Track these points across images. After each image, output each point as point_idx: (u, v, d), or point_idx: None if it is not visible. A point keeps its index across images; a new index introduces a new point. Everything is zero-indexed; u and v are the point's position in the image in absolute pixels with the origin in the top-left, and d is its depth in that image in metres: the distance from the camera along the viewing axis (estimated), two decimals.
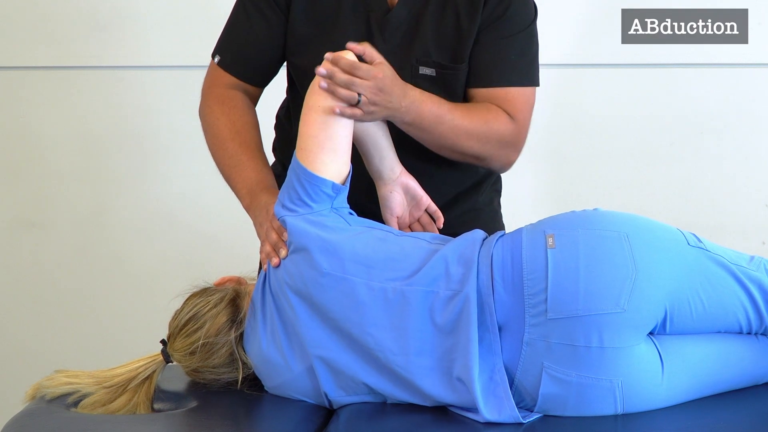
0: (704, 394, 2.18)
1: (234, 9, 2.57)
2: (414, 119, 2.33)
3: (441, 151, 2.43)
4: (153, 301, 3.35)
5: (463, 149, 2.41)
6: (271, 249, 2.29)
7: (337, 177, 2.27)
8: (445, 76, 2.46)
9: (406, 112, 2.31)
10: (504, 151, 2.46)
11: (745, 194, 3.64)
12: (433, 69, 2.46)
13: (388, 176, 2.39)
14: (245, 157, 2.47)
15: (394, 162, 2.39)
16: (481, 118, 2.41)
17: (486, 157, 2.45)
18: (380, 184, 2.40)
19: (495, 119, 2.42)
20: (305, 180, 2.25)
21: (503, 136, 2.43)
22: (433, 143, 2.40)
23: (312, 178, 2.25)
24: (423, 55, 2.44)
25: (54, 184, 3.74)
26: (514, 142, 2.47)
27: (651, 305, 2.10)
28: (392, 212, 2.39)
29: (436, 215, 2.41)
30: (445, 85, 2.46)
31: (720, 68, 3.60)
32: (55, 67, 3.69)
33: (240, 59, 2.55)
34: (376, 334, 2.18)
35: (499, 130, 2.43)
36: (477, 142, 2.41)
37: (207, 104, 2.55)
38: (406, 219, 2.41)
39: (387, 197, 2.40)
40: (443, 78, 2.46)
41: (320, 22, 2.49)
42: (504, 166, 2.51)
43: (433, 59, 2.46)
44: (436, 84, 2.45)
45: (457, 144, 2.40)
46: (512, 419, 2.11)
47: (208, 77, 2.59)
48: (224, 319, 2.31)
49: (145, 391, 2.32)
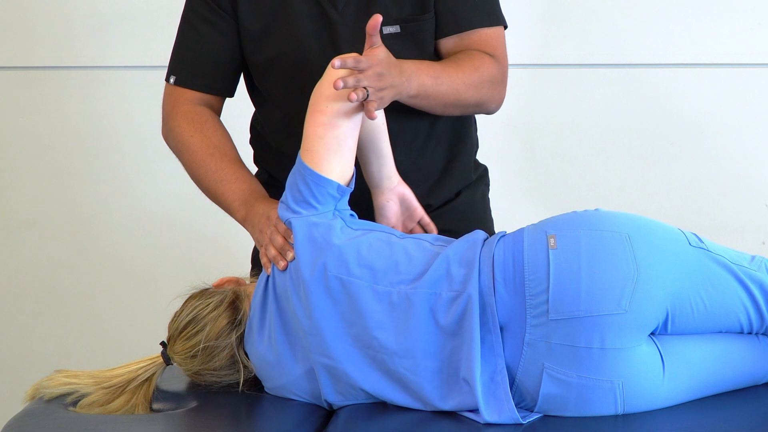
0: (705, 394, 2.18)
1: (180, 27, 2.54)
2: (418, 90, 2.32)
3: (446, 110, 2.42)
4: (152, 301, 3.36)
5: (466, 101, 2.41)
6: (276, 252, 2.28)
7: (342, 179, 2.26)
8: (410, 30, 2.45)
9: (409, 86, 2.29)
10: (496, 90, 2.47)
11: (745, 194, 3.64)
12: (397, 26, 2.44)
13: (385, 185, 2.38)
14: (229, 170, 2.44)
15: (392, 171, 2.38)
16: (470, 66, 2.41)
17: (484, 101, 2.45)
18: (377, 192, 2.39)
19: (482, 63, 2.43)
20: (311, 181, 2.25)
21: (494, 76, 2.44)
22: (438, 106, 2.39)
23: (318, 179, 2.24)
24: (383, 14, 2.38)
25: (54, 184, 3.74)
26: (502, 80, 2.48)
27: (653, 306, 2.10)
28: (387, 221, 2.39)
29: (429, 228, 2.41)
30: (412, 39, 2.45)
31: (720, 68, 3.60)
32: (55, 67, 3.69)
33: (197, 72, 2.51)
34: (381, 338, 2.18)
35: (489, 72, 2.43)
36: (475, 90, 2.41)
37: (175, 124, 2.50)
38: (399, 229, 2.40)
39: (383, 206, 2.39)
40: (409, 32, 2.44)
41: (270, 14, 2.46)
42: (498, 105, 2.51)
43: (394, 16, 2.44)
44: (402, 41, 2.43)
45: (459, 98, 2.39)
46: (512, 420, 2.11)
47: (168, 100, 2.54)
48: (224, 322, 2.30)
49: (144, 392, 2.32)
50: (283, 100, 2.50)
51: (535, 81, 3.63)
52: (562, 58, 3.61)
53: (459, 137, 2.58)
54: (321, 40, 2.43)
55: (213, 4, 2.48)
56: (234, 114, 2.65)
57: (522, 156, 3.65)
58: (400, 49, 2.34)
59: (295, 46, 2.44)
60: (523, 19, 3.55)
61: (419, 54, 2.42)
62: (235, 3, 2.47)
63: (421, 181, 2.51)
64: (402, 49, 2.37)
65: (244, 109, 2.66)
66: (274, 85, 2.50)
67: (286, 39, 2.38)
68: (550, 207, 3.41)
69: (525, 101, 3.61)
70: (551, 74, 3.63)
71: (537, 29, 3.59)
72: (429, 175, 2.55)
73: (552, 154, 3.65)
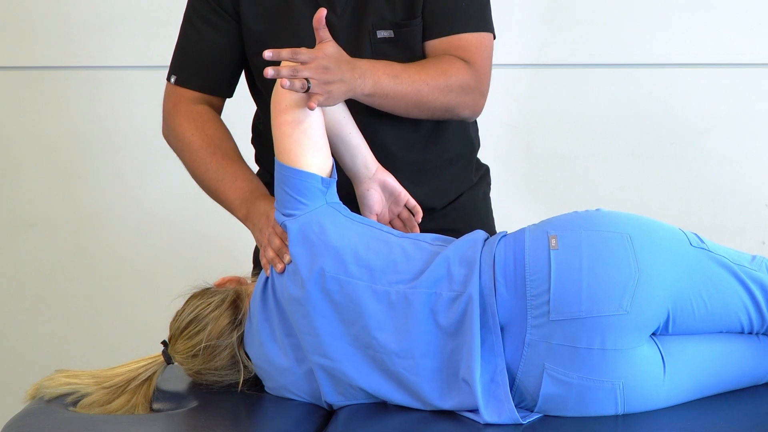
0: (705, 394, 2.18)
1: (181, 27, 2.54)
2: (373, 88, 2.30)
3: (410, 112, 2.40)
4: (153, 301, 3.36)
5: (429, 104, 2.38)
6: (274, 255, 2.28)
7: (322, 170, 2.26)
8: (402, 35, 2.44)
9: (362, 83, 2.28)
10: (468, 97, 2.44)
11: (745, 194, 3.64)
12: (391, 30, 2.44)
13: (363, 174, 2.37)
14: (230, 169, 2.44)
15: (369, 159, 2.37)
16: (436, 69, 2.39)
17: (453, 106, 2.42)
18: (356, 183, 2.38)
19: (450, 68, 2.41)
20: (293, 179, 2.24)
21: (464, 82, 2.41)
22: (399, 107, 2.37)
23: (299, 175, 2.24)
24: (378, 19, 2.41)
25: (55, 184, 3.74)
26: (477, 87, 2.44)
27: (654, 307, 2.10)
28: (371, 210, 2.38)
29: (415, 210, 2.40)
30: (404, 44, 2.44)
31: (720, 68, 3.60)
32: (55, 67, 3.69)
33: (198, 72, 2.52)
34: (380, 337, 2.18)
35: (458, 77, 2.40)
36: (440, 93, 2.39)
37: (176, 123, 2.51)
38: (386, 216, 2.39)
39: (364, 195, 2.38)
40: (401, 37, 2.44)
41: (272, 16, 2.47)
42: (473, 113, 2.48)
43: (388, 21, 2.44)
44: (395, 45, 2.43)
45: (422, 101, 2.37)
46: (512, 421, 2.11)
47: (168, 99, 2.54)
48: (226, 322, 2.30)
49: (144, 392, 2.32)
50: None
51: (534, 81, 3.63)
52: (562, 58, 3.61)
53: (460, 139, 2.58)
54: None
55: (215, 5, 2.48)
56: (235, 114, 2.65)
57: (522, 156, 3.65)
58: (394, 54, 2.35)
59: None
60: (523, 19, 3.55)
61: (411, 58, 2.42)
62: (237, 4, 2.47)
63: (423, 182, 2.51)
64: (395, 54, 2.37)
65: (244, 109, 2.67)
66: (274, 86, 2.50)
67: (288, 40, 2.38)
68: (551, 207, 3.41)
69: (525, 101, 3.61)
70: (551, 74, 3.62)
71: (537, 29, 3.59)
72: (431, 177, 2.54)
73: (552, 154, 3.65)
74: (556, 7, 3.59)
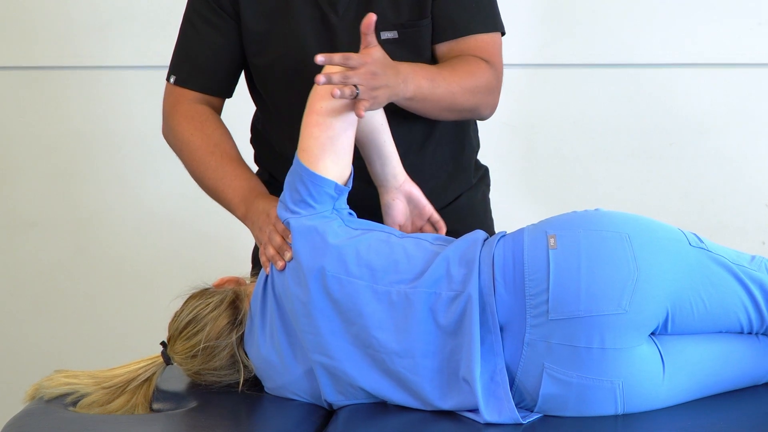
0: (705, 394, 2.18)
1: (181, 28, 2.54)
2: (415, 92, 2.31)
3: (441, 115, 2.41)
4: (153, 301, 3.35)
5: (461, 106, 2.40)
6: (275, 252, 2.28)
7: (339, 178, 2.26)
8: (407, 36, 2.45)
9: (405, 88, 2.28)
10: (491, 97, 2.46)
11: (745, 194, 3.64)
12: (395, 31, 2.44)
13: (391, 183, 2.38)
14: (230, 168, 2.44)
15: (398, 169, 2.37)
16: (466, 72, 2.40)
17: (478, 106, 2.44)
18: (383, 191, 2.39)
19: (477, 69, 2.42)
20: (308, 180, 2.25)
21: (489, 83, 2.44)
22: (434, 110, 2.38)
23: (315, 179, 2.24)
24: (381, 19, 2.40)
25: (55, 184, 3.74)
26: (497, 86, 2.47)
27: (653, 306, 2.10)
28: (394, 220, 2.38)
29: (439, 225, 2.40)
30: (409, 45, 2.44)
31: (720, 68, 3.60)
32: (55, 67, 3.69)
33: (198, 72, 2.52)
34: (380, 337, 2.18)
35: (484, 78, 2.43)
36: (471, 95, 2.40)
37: (176, 123, 2.51)
38: (408, 228, 2.39)
39: (389, 205, 2.38)
40: (406, 38, 2.44)
41: (272, 16, 2.47)
42: (492, 111, 2.50)
43: (392, 21, 2.44)
44: (400, 46, 2.43)
45: (455, 103, 2.38)
46: (512, 420, 2.11)
47: (168, 99, 2.55)
48: (225, 322, 2.30)
49: (144, 392, 2.32)
50: (283, 102, 2.51)
51: (535, 81, 3.63)
52: (562, 58, 3.61)
53: (459, 140, 2.58)
54: (321, 44, 2.43)
55: (214, 5, 2.48)
56: (234, 114, 2.65)
57: (522, 156, 3.65)
58: (397, 55, 2.35)
59: (296, 49, 2.44)
60: (523, 19, 3.55)
61: (416, 59, 2.42)
62: (236, 4, 2.47)
63: (422, 184, 2.51)
64: (400, 55, 2.37)
65: (244, 109, 2.67)
66: (274, 87, 2.50)
67: (288, 41, 2.38)
68: (550, 207, 3.41)
69: (525, 101, 3.61)
70: (551, 74, 3.62)
71: (537, 29, 3.59)
72: (429, 178, 2.54)
73: (552, 154, 3.65)
74: (557, 8, 3.59)
